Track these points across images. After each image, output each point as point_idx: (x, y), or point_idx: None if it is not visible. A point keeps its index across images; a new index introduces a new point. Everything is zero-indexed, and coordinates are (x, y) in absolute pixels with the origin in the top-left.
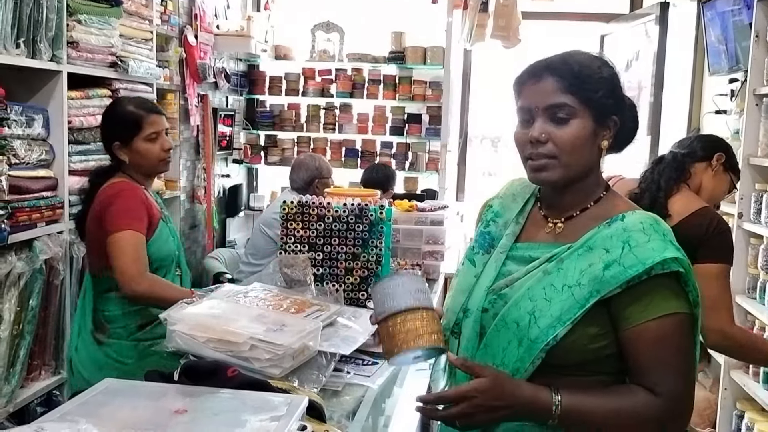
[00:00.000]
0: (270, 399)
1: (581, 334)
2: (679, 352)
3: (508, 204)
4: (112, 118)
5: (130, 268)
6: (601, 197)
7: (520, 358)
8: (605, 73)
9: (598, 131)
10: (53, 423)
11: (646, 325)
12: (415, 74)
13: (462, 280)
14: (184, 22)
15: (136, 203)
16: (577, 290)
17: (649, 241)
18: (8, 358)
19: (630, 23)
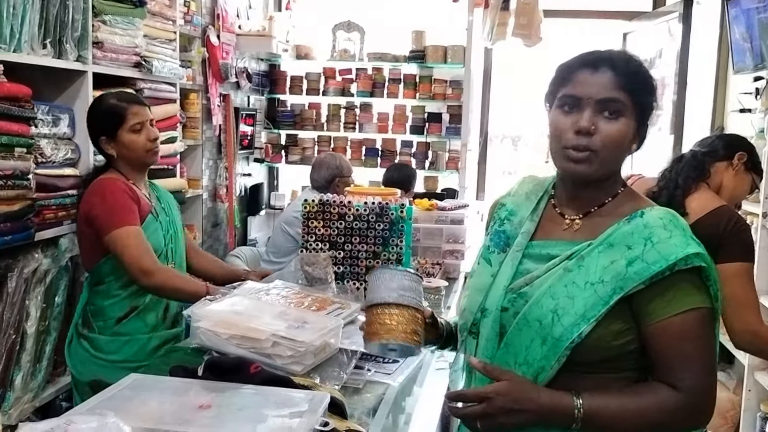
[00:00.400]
0: (292, 395)
1: (605, 330)
2: (702, 347)
3: (522, 202)
4: (96, 113)
5: (141, 263)
6: (618, 194)
7: (544, 356)
8: (653, 80)
9: (635, 133)
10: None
11: (669, 320)
12: (436, 73)
13: (478, 279)
14: (207, 23)
15: (121, 197)
16: (600, 287)
17: (671, 237)
18: (34, 354)
19: (653, 21)
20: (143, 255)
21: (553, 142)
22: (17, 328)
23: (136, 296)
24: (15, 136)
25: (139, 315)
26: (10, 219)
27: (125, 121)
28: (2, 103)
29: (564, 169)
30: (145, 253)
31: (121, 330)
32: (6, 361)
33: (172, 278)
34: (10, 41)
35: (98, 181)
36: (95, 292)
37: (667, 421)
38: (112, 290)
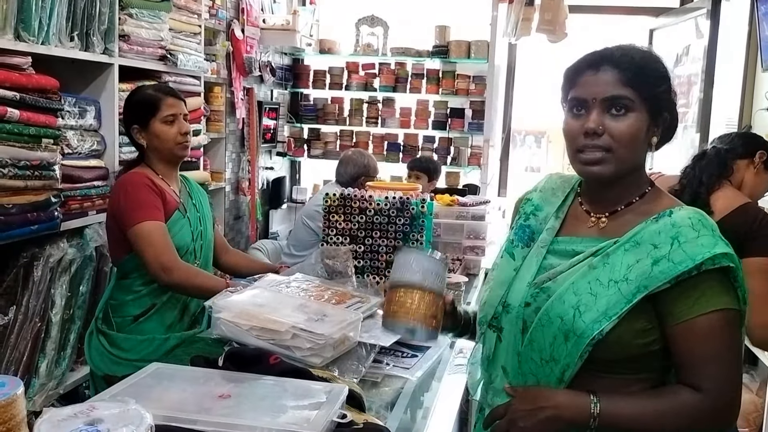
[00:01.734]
0: (311, 387)
1: (627, 328)
2: (727, 349)
3: (548, 198)
4: (132, 102)
5: (161, 259)
6: (646, 192)
7: (569, 352)
8: (662, 70)
9: (651, 127)
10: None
11: (694, 321)
12: (459, 68)
13: (501, 273)
14: (232, 17)
15: (145, 192)
16: (624, 285)
17: (699, 237)
18: (59, 342)
19: (680, 17)
20: (164, 251)
21: (567, 147)
22: (42, 316)
23: (156, 294)
24: (42, 127)
25: (157, 313)
26: (37, 209)
27: (159, 111)
28: (30, 95)
29: (581, 172)
30: (167, 249)
31: (138, 328)
32: (31, 349)
33: (192, 275)
34: (38, 34)
35: (124, 177)
36: (119, 286)
37: (688, 424)
38: (135, 286)
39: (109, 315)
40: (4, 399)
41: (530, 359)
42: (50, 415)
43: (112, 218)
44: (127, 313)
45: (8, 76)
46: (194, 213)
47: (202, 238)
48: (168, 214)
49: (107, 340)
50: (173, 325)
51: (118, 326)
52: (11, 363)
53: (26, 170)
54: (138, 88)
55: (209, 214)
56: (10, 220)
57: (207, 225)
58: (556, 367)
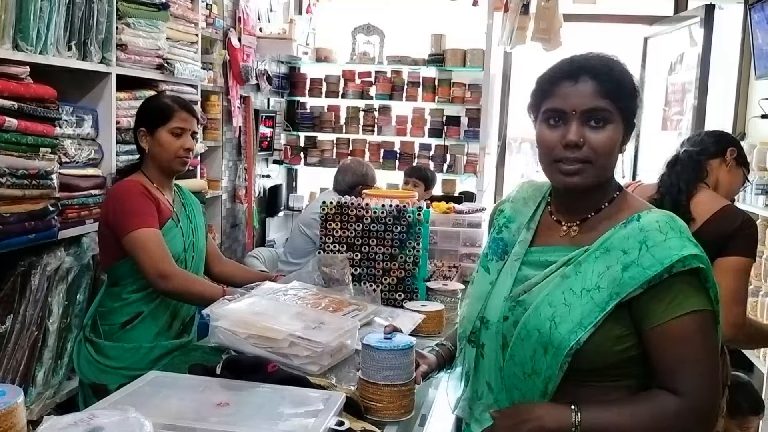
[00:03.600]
0: (309, 394)
1: (604, 336)
2: (703, 351)
3: (520, 208)
4: (147, 106)
5: (158, 267)
6: (615, 198)
7: (549, 365)
8: (635, 81)
9: (624, 137)
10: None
11: (668, 324)
12: (455, 76)
13: (477, 287)
14: (228, 25)
15: (140, 200)
16: (597, 294)
17: (666, 240)
18: (56, 351)
19: (674, 25)
20: (162, 258)
21: (542, 156)
22: (39, 325)
23: (145, 301)
24: (40, 137)
25: (145, 321)
26: (34, 217)
27: (169, 121)
28: (28, 104)
29: (557, 182)
30: (164, 256)
31: (126, 336)
32: (28, 358)
33: (190, 283)
34: (36, 43)
35: (119, 184)
36: (108, 293)
37: (666, 428)
38: (124, 293)
39: (97, 323)
40: (5, 408)
41: (513, 374)
42: (51, 423)
43: (105, 225)
44: (114, 320)
45: (6, 86)
46: (187, 223)
47: (194, 249)
48: (161, 223)
49: (94, 348)
50: (161, 333)
51: (105, 334)
52: (8, 372)
53: (24, 179)
54: (156, 95)
55: (202, 224)
56: (7, 228)
57: (199, 235)
58: (539, 380)
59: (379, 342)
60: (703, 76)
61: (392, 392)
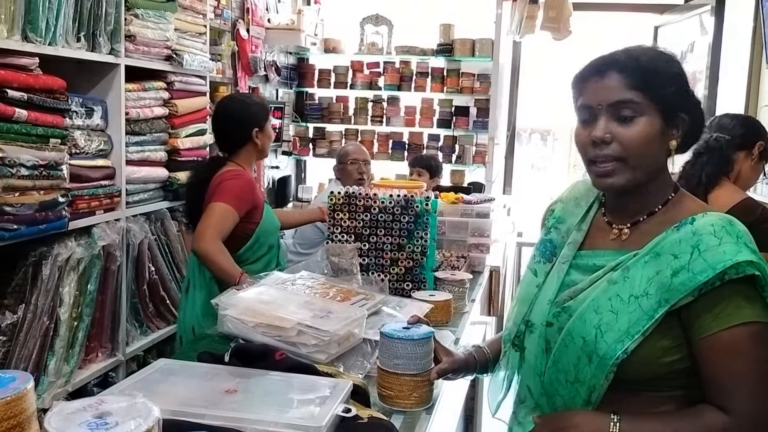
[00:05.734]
0: (316, 382)
1: (653, 347)
2: (756, 366)
3: (571, 209)
4: (252, 107)
5: (206, 230)
6: (669, 200)
7: (593, 374)
8: (674, 69)
9: (666, 130)
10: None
11: (718, 336)
12: (464, 67)
13: (524, 290)
14: (237, 16)
15: (247, 187)
16: (645, 301)
17: (721, 245)
18: (67, 340)
19: (684, 14)
20: (213, 227)
21: (582, 157)
22: (51, 315)
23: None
24: (50, 128)
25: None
26: (45, 208)
27: (269, 116)
28: (38, 95)
29: (595, 184)
30: (216, 226)
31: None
32: (40, 347)
33: (217, 252)
34: (45, 35)
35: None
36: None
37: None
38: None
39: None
40: (15, 393)
41: (556, 380)
42: (60, 408)
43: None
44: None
45: (16, 77)
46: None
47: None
48: (261, 208)
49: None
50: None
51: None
52: (21, 360)
53: (34, 170)
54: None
55: None
56: (18, 219)
57: None
58: (582, 389)
59: (392, 330)
60: (713, 65)
61: (402, 381)
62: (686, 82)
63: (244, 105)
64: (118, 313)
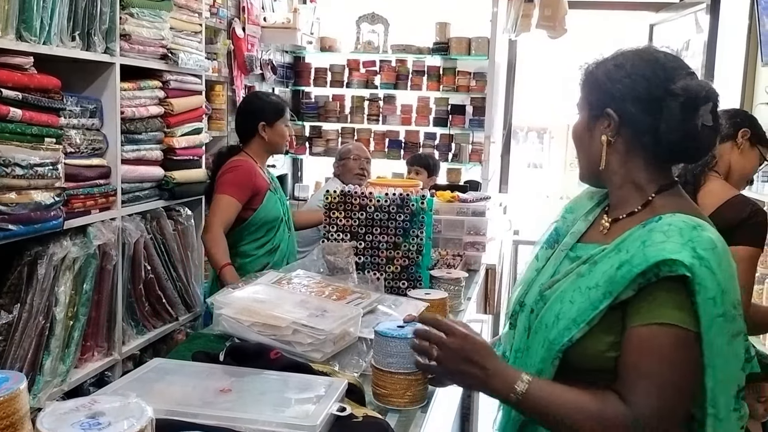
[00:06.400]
0: (311, 381)
1: (598, 340)
2: (663, 365)
3: (584, 201)
4: (263, 103)
5: (210, 221)
6: (650, 200)
7: (542, 358)
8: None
9: (594, 125)
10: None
11: (637, 329)
12: (460, 65)
13: (526, 273)
14: (232, 15)
15: (246, 176)
16: (594, 292)
17: (665, 242)
18: (63, 339)
19: (680, 12)
20: (218, 218)
21: None
22: (46, 314)
23: (267, 255)
24: (45, 127)
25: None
26: (40, 208)
27: (283, 115)
28: (32, 94)
29: None
30: (222, 220)
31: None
32: (36, 346)
33: (213, 243)
34: (40, 34)
35: (236, 161)
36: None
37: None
38: (250, 251)
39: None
40: (8, 393)
41: (525, 364)
42: (53, 408)
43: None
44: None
45: (10, 76)
46: (282, 194)
47: (288, 212)
48: (262, 194)
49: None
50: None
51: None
52: (16, 360)
53: (29, 169)
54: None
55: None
56: (13, 218)
57: (286, 203)
58: (534, 372)
59: (387, 329)
60: (709, 63)
61: (396, 380)
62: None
63: (256, 99)
64: (114, 312)
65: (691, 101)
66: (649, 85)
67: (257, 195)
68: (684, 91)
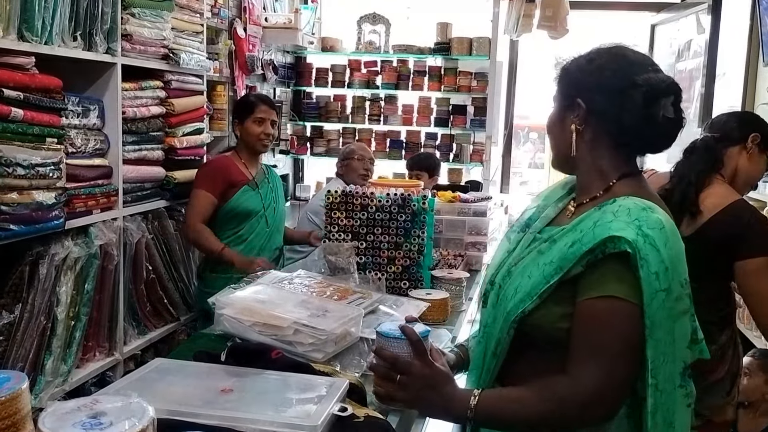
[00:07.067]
0: (312, 380)
1: (549, 311)
2: (608, 339)
3: (557, 189)
4: (237, 102)
5: (188, 219)
6: (611, 185)
7: (500, 328)
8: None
9: (565, 114)
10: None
11: (583, 302)
12: (461, 65)
13: (497, 255)
14: (234, 15)
15: (215, 170)
16: (548, 268)
17: (613, 221)
18: (65, 340)
19: (681, 12)
20: (196, 214)
21: None
22: (48, 314)
23: (232, 244)
24: (46, 127)
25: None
26: (42, 208)
27: (252, 112)
28: (34, 95)
29: None
30: (198, 213)
31: (222, 269)
32: (37, 346)
33: (202, 237)
34: (41, 34)
35: (211, 158)
36: None
37: (553, 410)
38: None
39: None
40: (9, 393)
41: (491, 334)
42: (54, 408)
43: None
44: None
45: (12, 76)
46: (267, 191)
47: (274, 211)
48: (237, 186)
49: (203, 280)
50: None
51: (210, 269)
52: (18, 360)
53: (31, 169)
54: (246, 95)
55: (282, 196)
56: (15, 219)
57: (279, 202)
58: (491, 343)
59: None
60: (710, 63)
61: None
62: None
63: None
64: (115, 312)
65: (653, 92)
66: (614, 77)
67: (232, 188)
68: (646, 83)
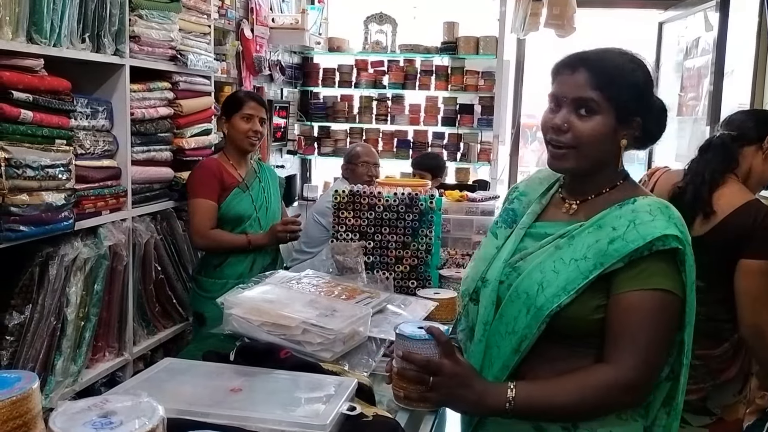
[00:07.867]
0: (321, 380)
1: (584, 304)
2: (651, 328)
3: (535, 186)
4: (226, 99)
5: (195, 228)
6: (617, 185)
7: (528, 324)
8: (636, 77)
9: (618, 129)
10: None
11: (629, 294)
12: (468, 64)
13: (484, 250)
14: (241, 16)
15: (208, 174)
16: (583, 263)
17: (654, 221)
18: (74, 340)
19: (689, 10)
20: (203, 222)
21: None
22: (58, 315)
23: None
24: (55, 128)
25: (230, 264)
26: (51, 209)
27: (240, 109)
28: (43, 96)
29: (549, 164)
30: (205, 221)
31: (217, 274)
32: (47, 347)
33: (218, 238)
34: (50, 36)
35: (201, 161)
36: None
37: (593, 397)
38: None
39: (200, 265)
40: (20, 393)
41: (497, 332)
42: (65, 408)
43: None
44: (209, 262)
45: (21, 78)
46: (258, 191)
47: (267, 211)
48: (228, 190)
49: (197, 284)
50: (244, 274)
51: (205, 273)
52: (28, 360)
53: (40, 171)
54: (236, 90)
55: (276, 193)
56: (25, 220)
57: (272, 201)
58: (514, 338)
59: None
60: (719, 61)
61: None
62: (647, 89)
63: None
64: (124, 312)
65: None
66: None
67: (224, 191)
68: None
